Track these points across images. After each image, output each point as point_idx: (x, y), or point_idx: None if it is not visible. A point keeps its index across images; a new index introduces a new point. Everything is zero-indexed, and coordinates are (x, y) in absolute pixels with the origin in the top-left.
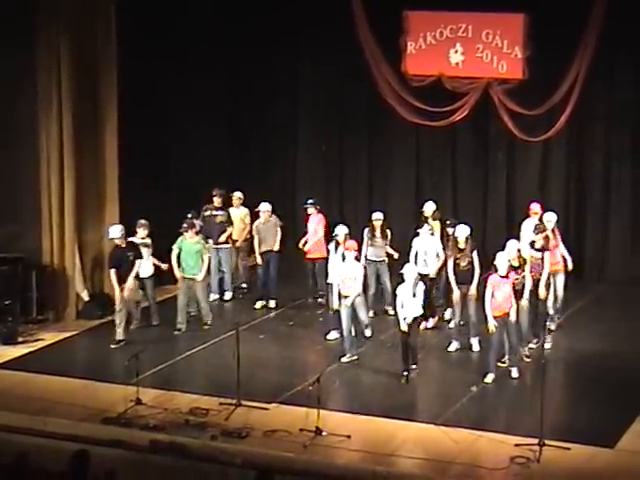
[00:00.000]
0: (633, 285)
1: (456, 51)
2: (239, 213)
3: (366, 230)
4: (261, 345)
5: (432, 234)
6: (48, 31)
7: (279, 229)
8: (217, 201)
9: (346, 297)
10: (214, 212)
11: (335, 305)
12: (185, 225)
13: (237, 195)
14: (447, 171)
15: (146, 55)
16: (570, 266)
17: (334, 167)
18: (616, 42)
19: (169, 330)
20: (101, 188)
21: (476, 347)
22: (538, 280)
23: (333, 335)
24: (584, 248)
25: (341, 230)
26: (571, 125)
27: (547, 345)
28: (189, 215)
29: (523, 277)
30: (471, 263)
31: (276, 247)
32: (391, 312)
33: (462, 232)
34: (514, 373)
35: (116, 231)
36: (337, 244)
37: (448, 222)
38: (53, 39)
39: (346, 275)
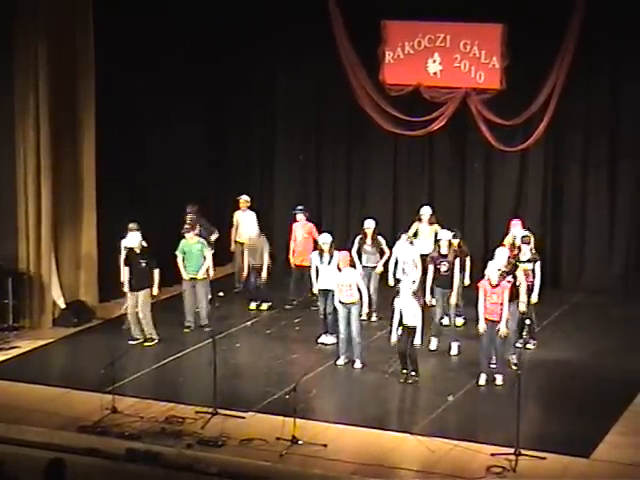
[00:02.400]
0: (609, 295)
1: (434, 61)
2: (246, 216)
3: (357, 238)
4: (238, 353)
5: (411, 243)
6: (26, 34)
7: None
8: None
9: (345, 304)
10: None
11: (330, 309)
12: (187, 226)
13: (244, 198)
14: (424, 180)
15: (125, 59)
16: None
17: (312, 176)
18: (593, 52)
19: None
20: (78, 194)
21: (454, 351)
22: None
23: (330, 339)
24: (561, 257)
25: (326, 239)
26: (548, 134)
27: (530, 346)
28: (188, 215)
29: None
30: (451, 269)
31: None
32: (374, 318)
33: (444, 236)
34: (498, 380)
35: (136, 239)
36: (322, 253)
37: (451, 233)
38: (31, 42)
39: (344, 283)
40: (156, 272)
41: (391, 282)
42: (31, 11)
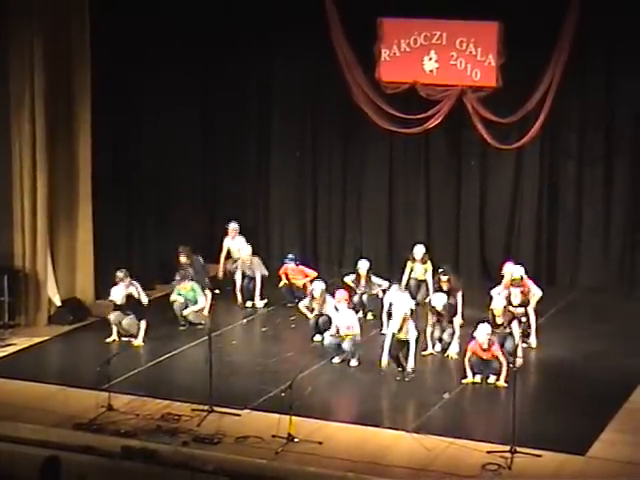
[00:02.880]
0: (605, 292)
1: (430, 58)
2: (236, 243)
3: (352, 278)
4: (234, 351)
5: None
6: (21, 31)
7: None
8: (183, 260)
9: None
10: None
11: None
12: (178, 278)
13: (232, 227)
14: (420, 177)
15: (120, 54)
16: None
17: (308, 173)
18: (589, 50)
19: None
20: (74, 191)
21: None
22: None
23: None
24: (556, 255)
25: (318, 286)
26: (544, 132)
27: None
28: (181, 255)
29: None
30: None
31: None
32: (369, 317)
33: (439, 301)
34: (491, 380)
35: (119, 294)
36: (313, 298)
37: (440, 270)
38: (26, 39)
39: (342, 324)
40: (142, 324)
41: (385, 330)
42: (26, 8)
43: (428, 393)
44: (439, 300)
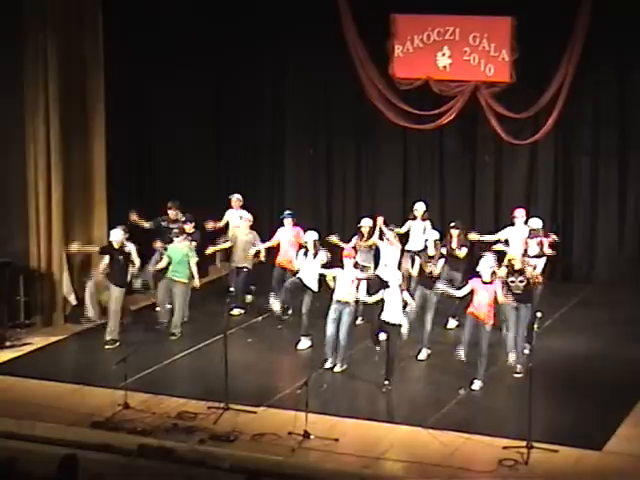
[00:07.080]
0: (621, 286)
1: (443, 54)
2: (238, 215)
3: (355, 237)
4: (249, 348)
5: (391, 244)
6: (35, 34)
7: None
8: (171, 214)
9: (339, 302)
10: (170, 225)
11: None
12: (176, 231)
13: (236, 197)
14: (434, 174)
15: (133, 58)
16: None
17: (322, 170)
18: (602, 45)
19: (157, 334)
20: (89, 192)
21: (422, 356)
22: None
23: (305, 344)
24: (572, 249)
25: (310, 237)
26: (558, 127)
27: (526, 351)
28: (170, 210)
29: (520, 282)
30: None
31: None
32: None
33: (430, 236)
34: (474, 385)
35: (117, 235)
36: (306, 251)
37: (452, 224)
38: (40, 42)
39: (344, 278)
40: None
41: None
42: (39, 11)
43: (444, 389)
44: (432, 235)
